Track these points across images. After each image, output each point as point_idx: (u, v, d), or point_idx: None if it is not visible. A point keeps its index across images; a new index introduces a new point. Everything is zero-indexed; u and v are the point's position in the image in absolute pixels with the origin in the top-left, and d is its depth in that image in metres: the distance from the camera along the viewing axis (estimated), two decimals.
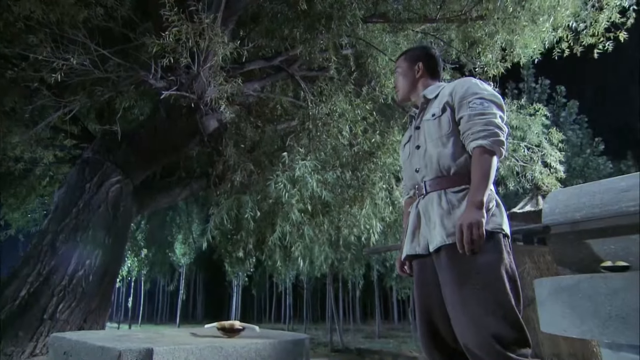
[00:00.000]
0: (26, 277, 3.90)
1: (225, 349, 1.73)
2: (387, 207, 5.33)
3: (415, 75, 1.73)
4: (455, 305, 1.35)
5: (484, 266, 1.35)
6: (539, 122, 5.85)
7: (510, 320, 1.32)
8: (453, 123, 1.52)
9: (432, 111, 1.57)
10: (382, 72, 5.65)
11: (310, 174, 4.66)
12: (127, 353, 1.40)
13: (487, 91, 1.50)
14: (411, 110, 1.79)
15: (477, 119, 1.43)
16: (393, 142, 5.05)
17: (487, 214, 1.38)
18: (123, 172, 4.69)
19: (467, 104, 1.48)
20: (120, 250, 4.80)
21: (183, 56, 3.92)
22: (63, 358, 1.57)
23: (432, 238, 1.47)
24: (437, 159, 1.51)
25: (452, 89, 1.55)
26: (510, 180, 6.21)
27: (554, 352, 4.69)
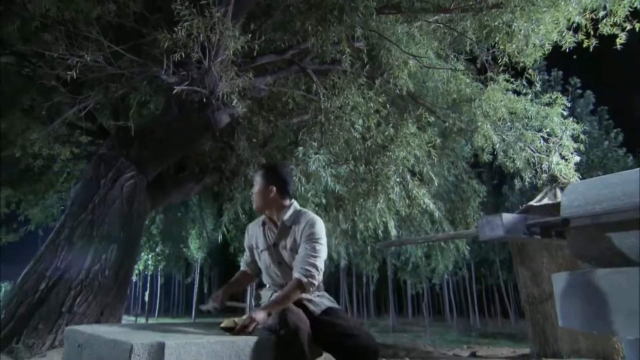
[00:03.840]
0: (44, 271, 3.98)
1: (237, 343, 1.72)
2: (401, 200, 5.27)
3: (269, 196, 2.08)
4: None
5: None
6: (557, 112, 5.69)
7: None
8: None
9: (290, 245, 2.02)
10: (395, 64, 5.55)
11: (323, 168, 4.62)
12: (139, 347, 1.40)
13: (323, 237, 2.00)
14: (264, 217, 2.17)
15: (309, 258, 1.93)
16: (407, 135, 4.98)
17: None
18: (137, 167, 4.73)
19: (307, 242, 1.96)
20: (135, 244, 4.86)
21: (194, 51, 3.92)
22: (77, 350, 1.59)
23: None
24: (286, 277, 2.04)
25: (302, 229, 1.99)
26: (526, 173, 6.08)
27: (573, 348, 4.59)
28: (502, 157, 6.26)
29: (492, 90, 5.72)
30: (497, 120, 6.03)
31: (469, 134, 6.19)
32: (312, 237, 1.97)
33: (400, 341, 11.43)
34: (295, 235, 2.02)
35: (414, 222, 7.01)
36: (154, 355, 1.44)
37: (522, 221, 2.62)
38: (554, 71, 15.54)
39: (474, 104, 5.81)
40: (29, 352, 3.70)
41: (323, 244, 1.99)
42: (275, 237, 2.08)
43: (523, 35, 4.98)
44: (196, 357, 1.56)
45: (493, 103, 5.76)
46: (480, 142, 5.90)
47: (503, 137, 6.12)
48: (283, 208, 2.09)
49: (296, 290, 1.91)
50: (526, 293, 5.24)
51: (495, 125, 6.07)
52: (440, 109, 6.25)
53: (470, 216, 7.75)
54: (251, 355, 1.74)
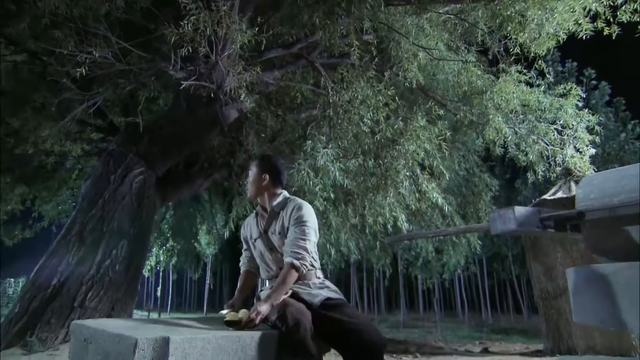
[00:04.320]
0: (56, 266, 4.02)
1: (242, 338, 1.70)
2: (411, 195, 5.20)
3: (262, 183, 2.13)
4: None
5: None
6: (571, 103, 5.55)
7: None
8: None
9: (278, 229, 2.05)
10: (404, 56, 5.47)
11: (332, 162, 4.58)
12: (143, 341, 1.39)
13: (312, 219, 2.03)
14: (258, 207, 2.23)
15: (297, 241, 1.95)
16: (416, 129, 4.90)
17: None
18: (146, 163, 4.75)
19: (295, 225, 1.99)
20: (145, 240, 4.89)
21: (201, 45, 3.90)
22: (84, 345, 1.59)
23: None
24: (279, 264, 2.07)
25: (289, 212, 2.03)
26: (539, 166, 5.96)
27: (588, 345, 4.49)
28: (515, 150, 6.15)
29: (504, 82, 5.60)
30: (509, 113, 5.91)
31: (480, 127, 6.08)
32: (299, 220, 2.00)
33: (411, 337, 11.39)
34: (283, 220, 2.06)
35: (424, 217, 6.93)
36: (159, 350, 1.43)
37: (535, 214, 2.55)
38: (568, 62, 15.20)
39: (486, 96, 5.70)
40: (42, 345, 3.75)
41: (311, 226, 2.01)
42: (265, 223, 2.12)
43: (536, 24, 4.86)
44: (201, 352, 1.54)
45: (505, 95, 5.65)
46: (492, 135, 5.79)
47: (515, 129, 6.00)
48: (274, 196, 2.13)
49: (290, 273, 1.92)
50: (539, 288, 5.15)
51: (507, 118, 5.95)
52: (451, 102, 6.15)
53: (482, 210, 7.64)
54: (257, 350, 1.72)
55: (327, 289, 2.01)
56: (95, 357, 1.52)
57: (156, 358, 1.42)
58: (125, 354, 1.40)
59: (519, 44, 5.11)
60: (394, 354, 5.19)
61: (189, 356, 1.49)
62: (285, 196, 2.16)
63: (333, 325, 1.82)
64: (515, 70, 5.65)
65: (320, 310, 1.88)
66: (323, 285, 2.03)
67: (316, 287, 2.00)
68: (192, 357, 1.50)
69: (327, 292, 1.99)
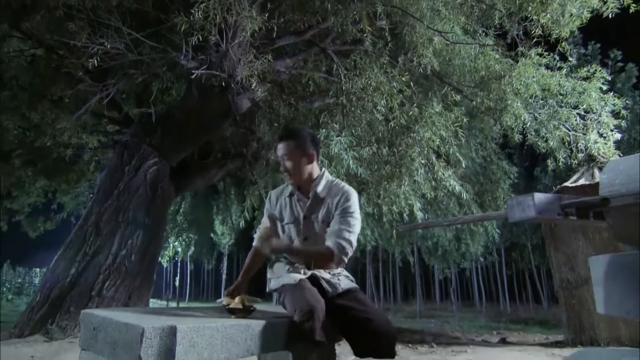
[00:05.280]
0: (74, 256, 4.10)
1: (252, 327, 1.67)
2: (427, 183, 5.10)
3: (310, 163, 1.92)
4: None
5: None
6: (595, 87, 5.32)
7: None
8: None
9: (322, 217, 1.89)
10: (419, 41, 5.32)
11: (345, 151, 4.51)
12: (150, 330, 1.37)
13: (358, 209, 1.90)
14: (292, 188, 1.98)
15: (344, 233, 1.83)
16: (432, 115, 4.78)
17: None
18: (159, 154, 4.77)
19: (342, 215, 1.85)
20: (160, 230, 4.94)
21: (212, 34, 3.86)
22: (93, 333, 1.58)
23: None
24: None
25: (337, 201, 1.87)
26: (560, 153, 5.76)
27: (612, 336, 4.36)
28: (534, 136, 5.95)
29: (524, 65, 5.40)
30: (529, 98, 5.72)
31: (498, 113, 5.90)
32: (347, 211, 1.85)
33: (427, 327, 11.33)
34: (329, 207, 1.89)
35: (440, 205, 6.82)
36: (166, 339, 1.41)
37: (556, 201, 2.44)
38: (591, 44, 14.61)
39: (504, 81, 5.51)
40: (62, 333, 3.84)
41: (358, 218, 1.88)
42: (307, 209, 1.92)
43: (559, 4, 4.65)
44: (210, 341, 1.52)
45: (524, 79, 5.45)
46: (510, 121, 5.62)
47: (535, 115, 5.81)
48: (317, 177, 1.93)
49: (324, 258, 1.83)
50: (560, 278, 5.01)
51: (527, 103, 5.76)
52: (467, 88, 5.97)
53: (500, 199, 7.47)
54: (267, 338, 1.70)
55: (346, 279, 1.94)
56: (104, 346, 1.52)
57: (163, 347, 1.40)
58: (132, 342, 1.39)
59: (540, 26, 4.90)
60: (409, 343, 5.15)
61: (197, 345, 1.47)
62: (328, 178, 1.97)
63: (344, 314, 1.78)
64: (536, 54, 5.44)
65: (335, 299, 1.83)
66: (342, 275, 1.95)
67: (336, 276, 1.91)
68: (200, 346, 1.48)
69: (345, 282, 1.91)
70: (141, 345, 1.35)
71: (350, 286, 1.91)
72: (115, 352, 1.46)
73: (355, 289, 1.91)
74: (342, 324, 1.79)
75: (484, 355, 4.06)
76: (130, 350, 1.39)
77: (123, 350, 1.42)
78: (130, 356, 1.38)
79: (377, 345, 1.71)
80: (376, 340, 1.71)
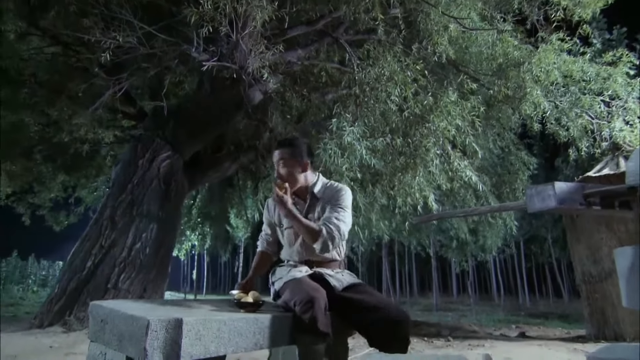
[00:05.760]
0: (90, 249, 4.15)
1: (260, 320, 1.64)
2: (442, 174, 4.98)
3: (304, 170, 1.97)
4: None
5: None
6: (621, 72, 5.09)
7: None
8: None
9: (317, 215, 1.95)
10: (434, 29, 5.18)
11: (358, 141, 4.43)
12: (155, 322, 1.35)
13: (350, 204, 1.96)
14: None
15: (334, 219, 1.87)
16: (447, 104, 4.65)
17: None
18: (172, 147, 4.79)
19: (333, 206, 1.92)
20: (175, 223, 4.97)
21: (222, 24, 3.82)
22: (100, 325, 1.57)
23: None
24: (309, 254, 1.98)
25: (331, 198, 1.95)
26: (582, 142, 5.56)
27: (638, 330, 4.20)
28: (555, 125, 5.75)
29: (544, 51, 5.20)
30: (549, 85, 5.52)
31: (517, 102, 5.71)
32: (338, 204, 1.93)
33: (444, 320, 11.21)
34: (324, 205, 1.96)
35: (457, 197, 6.67)
36: (172, 332, 1.38)
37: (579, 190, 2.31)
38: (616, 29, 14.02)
39: (523, 68, 5.32)
40: (79, 324, 3.90)
41: (348, 212, 1.93)
42: (305, 210, 1.99)
43: None
44: (217, 334, 1.49)
45: (545, 66, 5.25)
46: (529, 110, 5.43)
47: (556, 103, 5.61)
48: (313, 181, 2.02)
49: (312, 234, 1.83)
50: (582, 271, 4.85)
51: (547, 91, 5.56)
52: (485, 76, 5.80)
53: (519, 190, 7.28)
54: (274, 332, 1.66)
55: (349, 276, 1.98)
56: (111, 338, 1.50)
57: (169, 339, 1.38)
58: (138, 335, 1.37)
59: (561, 9, 4.70)
60: (425, 337, 5.07)
61: (204, 338, 1.45)
62: (324, 181, 2.06)
63: (354, 305, 1.77)
64: (557, 39, 5.23)
65: (341, 292, 1.83)
66: (344, 273, 2.00)
67: (339, 273, 1.97)
68: (206, 338, 1.46)
69: (349, 278, 1.95)
70: (147, 338, 1.33)
71: (356, 281, 1.93)
72: (122, 344, 1.44)
73: (361, 283, 1.93)
74: (353, 315, 1.78)
75: (501, 350, 3.96)
76: (136, 342, 1.37)
77: (129, 342, 1.41)
78: (136, 348, 1.36)
79: (390, 333, 1.69)
80: (389, 327, 1.69)
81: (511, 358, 3.49)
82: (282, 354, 2.08)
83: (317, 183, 2.01)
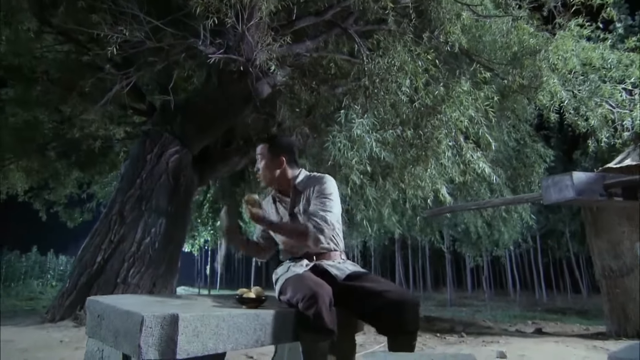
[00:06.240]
0: (100, 244, 4.16)
1: (262, 316, 1.58)
2: (454, 166, 4.85)
3: (280, 167, 1.99)
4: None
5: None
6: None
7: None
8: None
9: (303, 208, 1.93)
10: (446, 17, 5.03)
11: (368, 133, 4.34)
12: (150, 318, 1.30)
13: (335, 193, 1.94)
14: (273, 192, 2.08)
15: (319, 211, 1.85)
16: (459, 94, 4.51)
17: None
18: (181, 142, 4.76)
19: (317, 197, 1.90)
20: (184, 218, 4.95)
21: (227, 15, 3.75)
22: (97, 321, 1.54)
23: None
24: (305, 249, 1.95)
25: (315, 189, 1.93)
26: (602, 132, 5.35)
27: None
28: (573, 115, 5.55)
29: (562, 38, 5.00)
30: (567, 73, 5.31)
31: (533, 92, 5.52)
32: (322, 193, 1.91)
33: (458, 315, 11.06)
34: (307, 196, 1.95)
35: (470, 191, 6.52)
36: (167, 328, 1.33)
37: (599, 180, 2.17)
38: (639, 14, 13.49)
39: (539, 56, 5.12)
40: None
41: (334, 199, 1.91)
42: (290, 206, 1.98)
43: None
44: (215, 331, 1.44)
45: (562, 53, 5.05)
46: (546, 99, 5.24)
47: (574, 92, 5.40)
48: (294, 176, 2.01)
49: (301, 235, 1.82)
50: (602, 266, 4.68)
51: (565, 79, 5.36)
52: (499, 65, 5.62)
53: (535, 183, 7.08)
54: (276, 328, 1.60)
55: (352, 265, 1.95)
56: (107, 334, 1.46)
57: (164, 336, 1.33)
58: (132, 331, 1.32)
59: None
60: (438, 333, 4.97)
61: (202, 334, 1.39)
62: (306, 173, 2.05)
63: (359, 293, 1.73)
64: (576, 25, 5.02)
65: (345, 282, 1.79)
66: (347, 263, 1.96)
67: (341, 264, 1.93)
68: (205, 335, 1.40)
69: (352, 267, 1.92)
70: (141, 334, 1.28)
71: (359, 270, 1.90)
72: (117, 341, 1.40)
73: (365, 272, 1.90)
74: (359, 303, 1.74)
75: (517, 346, 3.84)
76: (130, 338, 1.32)
77: (124, 339, 1.36)
78: (131, 345, 1.31)
79: (398, 316, 1.64)
80: (397, 310, 1.64)
81: (527, 355, 3.37)
82: (289, 350, 2.02)
83: (299, 176, 2.01)
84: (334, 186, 1.96)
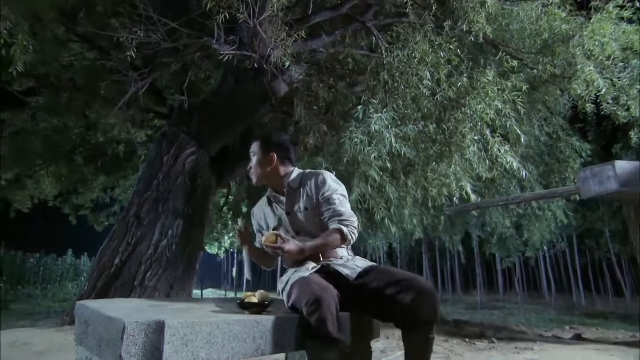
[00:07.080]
0: (117, 246, 4.14)
1: (262, 323, 1.44)
2: (481, 162, 4.58)
3: (270, 164, 1.92)
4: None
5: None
6: None
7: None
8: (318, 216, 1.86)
9: (304, 205, 1.86)
10: (469, 6, 4.77)
11: (387, 128, 4.14)
12: (132, 326, 1.18)
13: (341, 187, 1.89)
14: (269, 192, 2.01)
15: (341, 208, 1.81)
16: (484, 85, 4.24)
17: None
18: (197, 142, 4.71)
19: (326, 199, 1.83)
20: (202, 219, 4.89)
21: (239, 11, 3.66)
22: (84, 327, 1.44)
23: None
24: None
25: (313, 185, 1.86)
26: None
27: None
28: (611, 105, 5.16)
29: (598, 21, 4.64)
30: (605, 60, 4.93)
31: (565, 81, 5.17)
32: (330, 190, 1.84)
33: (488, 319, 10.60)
34: (307, 193, 1.87)
35: (499, 188, 6.19)
36: (152, 336, 1.20)
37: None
38: None
39: (572, 42, 4.77)
40: None
41: (341, 192, 1.87)
42: (286, 204, 1.91)
43: None
44: (207, 339, 1.30)
45: (599, 38, 4.68)
46: (580, 89, 4.89)
47: (612, 80, 5.01)
48: (287, 175, 1.94)
49: (336, 238, 1.75)
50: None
51: (602, 67, 4.98)
52: (528, 54, 5.29)
53: (569, 179, 6.66)
54: (279, 336, 1.46)
55: (361, 260, 1.84)
56: (92, 341, 1.35)
57: (148, 344, 1.20)
58: (114, 339, 1.20)
59: None
60: (466, 338, 4.70)
61: (191, 343, 1.26)
62: (298, 171, 1.98)
63: (372, 288, 1.61)
64: (615, 6, 4.66)
65: (356, 281, 1.67)
66: (356, 258, 1.86)
67: (350, 260, 1.81)
68: (195, 344, 1.26)
69: (362, 263, 1.80)
70: (122, 343, 1.16)
71: (370, 265, 1.79)
72: (100, 349, 1.28)
73: (376, 265, 1.79)
74: (374, 298, 1.61)
75: (553, 354, 3.55)
76: (113, 347, 1.20)
77: (107, 348, 1.24)
78: (113, 354, 1.19)
79: (415, 305, 1.50)
80: (414, 299, 1.50)
81: None
82: (299, 358, 1.88)
83: (292, 174, 1.95)
84: (335, 179, 1.91)
